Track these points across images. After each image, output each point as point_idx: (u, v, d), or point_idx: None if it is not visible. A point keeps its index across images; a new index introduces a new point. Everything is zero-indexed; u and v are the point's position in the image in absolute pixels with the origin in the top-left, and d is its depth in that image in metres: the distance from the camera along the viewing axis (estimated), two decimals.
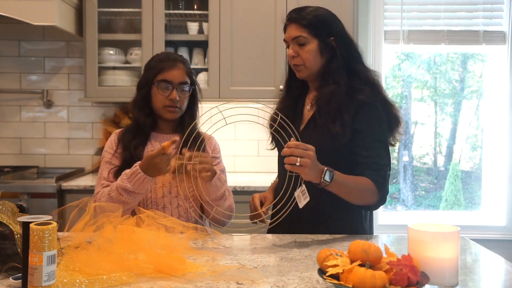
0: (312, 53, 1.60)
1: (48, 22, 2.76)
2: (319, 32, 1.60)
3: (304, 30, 1.59)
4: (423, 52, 3.63)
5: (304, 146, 1.36)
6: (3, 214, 1.17)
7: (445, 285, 1.04)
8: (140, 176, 1.53)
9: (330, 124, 1.56)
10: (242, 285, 1.11)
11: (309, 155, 1.35)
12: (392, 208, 3.68)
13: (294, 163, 1.35)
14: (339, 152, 1.57)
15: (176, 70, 1.72)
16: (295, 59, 1.62)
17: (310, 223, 1.63)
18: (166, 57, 1.75)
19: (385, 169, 1.56)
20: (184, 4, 3.15)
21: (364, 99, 1.56)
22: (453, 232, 1.05)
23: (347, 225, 1.64)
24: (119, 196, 1.56)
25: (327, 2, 3.00)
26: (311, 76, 1.65)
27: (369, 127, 1.57)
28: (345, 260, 1.02)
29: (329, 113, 1.57)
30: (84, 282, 1.06)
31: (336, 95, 1.57)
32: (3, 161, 3.35)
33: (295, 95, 1.74)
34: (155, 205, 1.68)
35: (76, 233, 1.25)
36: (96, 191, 1.68)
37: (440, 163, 3.76)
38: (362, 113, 1.57)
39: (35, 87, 3.38)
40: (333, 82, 1.59)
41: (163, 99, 1.70)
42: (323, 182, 1.42)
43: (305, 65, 1.61)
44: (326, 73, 1.62)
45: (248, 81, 3.00)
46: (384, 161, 1.57)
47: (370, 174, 1.53)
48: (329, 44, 1.61)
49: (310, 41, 1.60)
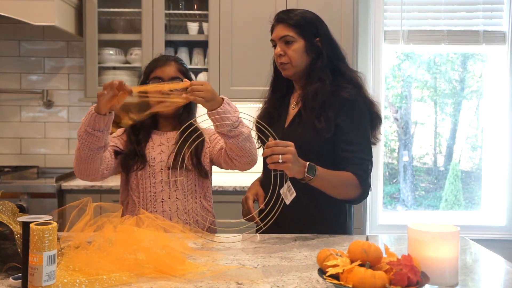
0: (298, 52, 1.66)
1: (48, 22, 2.76)
2: (306, 32, 1.66)
3: (291, 30, 1.65)
4: (423, 52, 3.63)
5: (284, 143, 1.40)
6: (3, 214, 1.17)
7: (445, 285, 1.04)
8: (92, 114, 1.52)
9: (315, 120, 1.61)
10: (242, 285, 1.11)
11: (290, 151, 1.39)
12: (392, 208, 3.68)
13: (277, 161, 1.38)
14: (323, 147, 1.62)
15: (167, 67, 1.76)
16: (282, 58, 1.67)
17: (293, 221, 1.65)
18: (160, 57, 1.82)
19: (367, 164, 1.61)
20: (184, 4, 3.15)
21: (347, 96, 1.62)
22: (453, 232, 1.05)
23: (330, 223, 1.67)
24: (81, 140, 1.55)
25: (327, 2, 3.02)
26: (296, 74, 1.70)
27: (351, 123, 1.62)
28: (345, 260, 1.02)
29: (314, 109, 1.62)
30: (84, 282, 1.06)
31: (320, 92, 1.62)
32: (3, 161, 3.35)
33: (280, 95, 1.80)
34: (154, 198, 1.71)
35: (76, 233, 1.25)
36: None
37: (440, 163, 3.76)
38: (345, 109, 1.61)
39: (35, 87, 3.38)
40: (318, 79, 1.65)
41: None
42: (307, 176, 1.46)
43: (292, 63, 1.67)
44: (312, 72, 1.67)
45: (248, 81, 3.00)
46: (366, 156, 1.62)
47: (353, 168, 1.57)
48: (315, 44, 1.67)
49: (297, 40, 1.66)
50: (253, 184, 1.84)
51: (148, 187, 1.72)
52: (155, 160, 1.73)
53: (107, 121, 1.52)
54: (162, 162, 1.73)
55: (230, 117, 1.51)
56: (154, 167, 1.73)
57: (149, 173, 1.73)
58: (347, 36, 2.92)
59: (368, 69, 3.30)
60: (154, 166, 1.73)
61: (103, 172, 1.65)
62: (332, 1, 2.93)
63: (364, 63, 3.26)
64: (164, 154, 1.74)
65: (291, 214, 1.62)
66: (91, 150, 1.55)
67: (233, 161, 1.64)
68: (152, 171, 1.73)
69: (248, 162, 1.62)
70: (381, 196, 3.43)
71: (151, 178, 1.72)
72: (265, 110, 1.81)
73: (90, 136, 1.52)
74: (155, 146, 1.76)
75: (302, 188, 1.52)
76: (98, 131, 1.52)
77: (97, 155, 1.57)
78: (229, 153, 1.62)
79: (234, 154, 1.61)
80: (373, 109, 1.69)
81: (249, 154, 1.60)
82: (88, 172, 1.61)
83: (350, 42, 2.92)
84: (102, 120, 1.50)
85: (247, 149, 1.58)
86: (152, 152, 1.74)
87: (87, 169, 1.60)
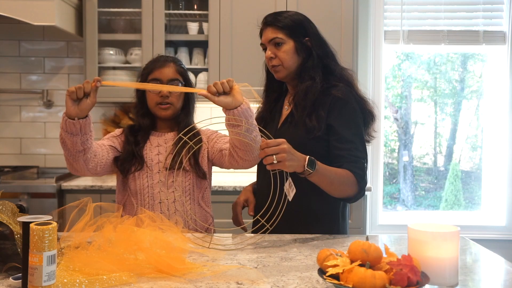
0: (289, 53, 1.67)
1: (48, 22, 2.76)
2: (295, 33, 1.67)
3: (280, 32, 1.67)
4: (423, 52, 3.63)
5: (275, 142, 1.39)
6: (3, 214, 1.17)
7: (445, 285, 1.04)
8: (63, 117, 1.48)
9: (306, 119, 1.62)
10: (242, 285, 1.11)
11: (282, 149, 1.39)
12: (392, 208, 3.68)
13: (272, 161, 1.38)
14: (314, 145, 1.61)
15: (166, 68, 1.74)
16: (273, 60, 1.68)
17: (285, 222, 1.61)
18: (158, 58, 1.80)
19: (362, 162, 1.60)
20: (184, 4, 3.15)
21: (338, 95, 1.62)
22: (453, 232, 1.05)
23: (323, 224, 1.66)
24: (61, 141, 1.53)
25: (327, 2, 3.02)
26: (289, 76, 1.70)
27: (344, 121, 1.61)
28: (345, 260, 1.02)
29: (305, 108, 1.62)
30: (84, 282, 1.06)
31: (311, 90, 1.63)
32: (3, 161, 3.35)
33: (274, 97, 1.80)
34: (152, 200, 1.71)
35: (76, 233, 1.25)
36: None
37: (440, 163, 3.76)
38: (337, 108, 1.62)
39: (35, 87, 3.38)
40: (309, 78, 1.65)
41: (155, 97, 1.73)
42: (307, 170, 1.45)
43: (283, 65, 1.67)
44: (303, 71, 1.67)
45: (248, 81, 2.98)
46: (361, 154, 1.61)
47: (349, 166, 1.57)
48: (305, 44, 1.68)
49: (286, 42, 1.67)
50: (245, 189, 1.84)
51: (146, 188, 1.72)
52: (153, 161, 1.73)
53: (79, 127, 1.46)
54: (160, 163, 1.72)
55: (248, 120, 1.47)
56: (152, 168, 1.72)
57: (146, 174, 1.72)
58: (347, 36, 2.92)
59: (368, 69, 3.30)
60: (152, 167, 1.72)
61: (95, 169, 1.62)
62: (332, 1, 2.93)
63: (364, 63, 3.27)
64: (161, 155, 1.74)
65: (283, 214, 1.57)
66: (70, 152, 1.52)
67: (238, 161, 1.57)
68: (149, 172, 1.72)
69: (253, 160, 1.56)
70: (381, 196, 3.43)
71: (149, 180, 1.71)
72: (259, 113, 1.82)
73: (65, 139, 1.49)
74: (153, 147, 1.75)
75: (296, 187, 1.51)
76: (71, 134, 1.47)
77: (78, 157, 1.53)
78: (235, 154, 1.56)
79: (241, 154, 1.53)
80: (365, 106, 1.69)
81: (256, 156, 1.53)
82: (76, 170, 1.59)
83: (350, 42, 2.92)
84: (72, 125, 1.45)
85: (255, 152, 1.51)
86: (149, 153, 1.74)
87: (74, 167, 1.58)
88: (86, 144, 1.51)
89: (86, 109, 1.44)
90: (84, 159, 1.55)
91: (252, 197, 1.76)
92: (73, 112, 1.43)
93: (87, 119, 1.47)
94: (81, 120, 1.45)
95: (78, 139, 1.48)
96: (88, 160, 1.56)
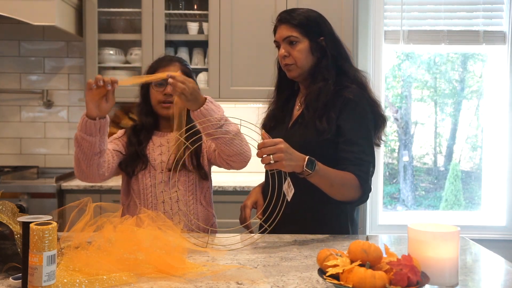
0: (303, 52, 1.63)
1: (48, 22, 2.76)
2: (310, 32, 1.63)
3: (295, 30, 1.62)
4: (423, 52, 3.62)
5: (271, 142, 1.36)
6: (3, 214, 1.17)
7: (445, 285, 1.04)
8: (83, 118, 1.52)
9: (317, 121, 1.58)
10: (242, 285, 1.11)
11: (279, 149, 1.36)
12: (392, 208, 3.68)
13: (269, 162, 1.36)
14: (324, 148, 1.58)
15: (171, 67, 1.74)
16: (286, 59, 1.64)
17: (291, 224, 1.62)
18: (163, 57, 1.81)
19: (368, 165, 1.56)
20: (184, 4, 3.15)
21: (350, 96, 1.59)
22: (453, 232, 1.05)
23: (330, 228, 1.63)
24: (76, 144, 1.55)
25: (327, 2, 3.02)
26: (301, 75, 1.67)
27: (354, 123, 1.58)
28: (345, 260, 1.02)
29: (317, 110, 1.59)
30: (84, 282, 1.06)
31: (324, 91, 1.60)
32: (3, 161, 3.35)
33: (285, 97, 1.77)
34: (155, 199, 1.71)
35: (76, 233, 1.25)
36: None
37: (440, 163, 3.76)
38: (348, 109, 1.58)
39: (35, 87, 3.38)
40: (322, 79, 1.62)
41: (158, 95, 1.74)
42: (306, 171, 1.42)
43: (297, 64, 1.64)
44: (316, 72, 1.64)
45: (248, 81, 3.00)
46: (368, 157, 1.58)
47: (353, 169, 1.53)
48: (320, 44, 1.64)
49: (301, 41, 1.63)
50: (254, 191, 1.81)
51: (148, 188, 1.72)
52: (155, 161, 1.73)
53: (99, 127, 1.50)
54: (162, 163, 1.73)
55: (215, 116, 1.50)
56: (155, 168, 1.73)
57: (149, 174, 1.73)
58: (347, 36, 2.91)
59: (368, 69, 3.30)
60: (155, 167, 1.73)
61: (103, 175, 1.64)
62: (332, 1, 2.93)
63: (364, 63, 3.26)
64: (164, 155, 1.74)
65: (288, 216, 1.55)
66: (86, 155, 1.54)
67: (227, 162, 1.63)
68: (152, 172, 1.73)
69: (242, 160, 1.61)
70: (381, 196, 3.43)
71: (152, 179, 1.72)
72: (270, 112, 1.78)
73: (83, 140, 1.52)
74: (155, 147, 1.76)
75: (302, 190, 1.49)
76: (90, 135, 1.50)
77: (93, 161, 1.56)
78: (221, 154, 1.62)
79: (225, 154, 1.60)
80: (377, 109, 1.65)
81: (241, 152, 1.58)
82: (86, 175, 1.61)
83: (350, 42, 2.92)
84: (93, 125, 1.49)
85: (237, 147, 1.56)
86: (152, 153, 1.74)
87: (85, 172, 1.60)
88: (103, 146, 1.56)
89: (106, 111, 1.51)
90: (98, 163, 1.57)
91: (261, 199, 1.73)
92: (95, 113, 1.49)
93: (106, 119, 1.53)
94: (102, 120, 1.51)
95: (96, 140, 1.52)
96: (100, 164, 1.59)
